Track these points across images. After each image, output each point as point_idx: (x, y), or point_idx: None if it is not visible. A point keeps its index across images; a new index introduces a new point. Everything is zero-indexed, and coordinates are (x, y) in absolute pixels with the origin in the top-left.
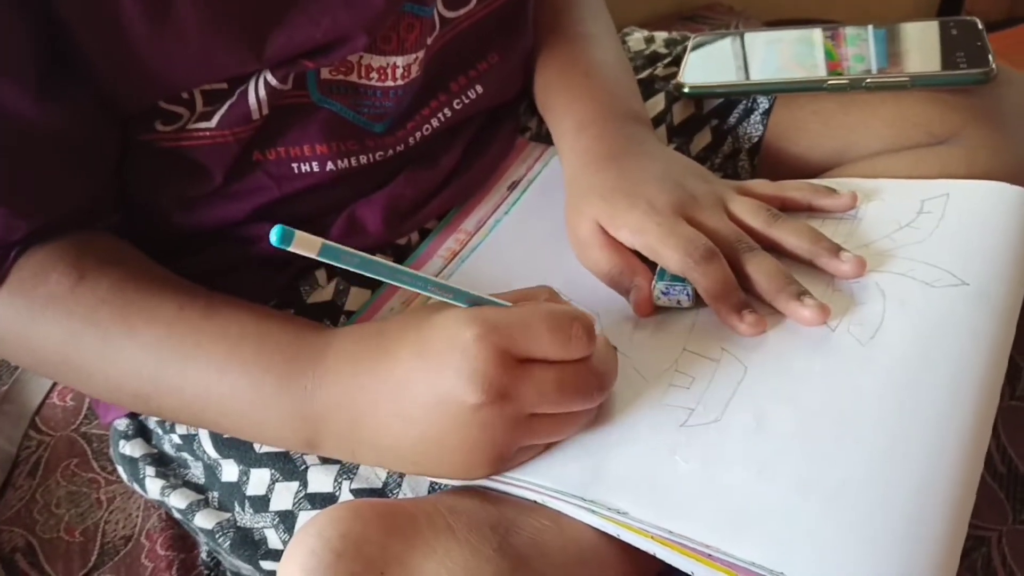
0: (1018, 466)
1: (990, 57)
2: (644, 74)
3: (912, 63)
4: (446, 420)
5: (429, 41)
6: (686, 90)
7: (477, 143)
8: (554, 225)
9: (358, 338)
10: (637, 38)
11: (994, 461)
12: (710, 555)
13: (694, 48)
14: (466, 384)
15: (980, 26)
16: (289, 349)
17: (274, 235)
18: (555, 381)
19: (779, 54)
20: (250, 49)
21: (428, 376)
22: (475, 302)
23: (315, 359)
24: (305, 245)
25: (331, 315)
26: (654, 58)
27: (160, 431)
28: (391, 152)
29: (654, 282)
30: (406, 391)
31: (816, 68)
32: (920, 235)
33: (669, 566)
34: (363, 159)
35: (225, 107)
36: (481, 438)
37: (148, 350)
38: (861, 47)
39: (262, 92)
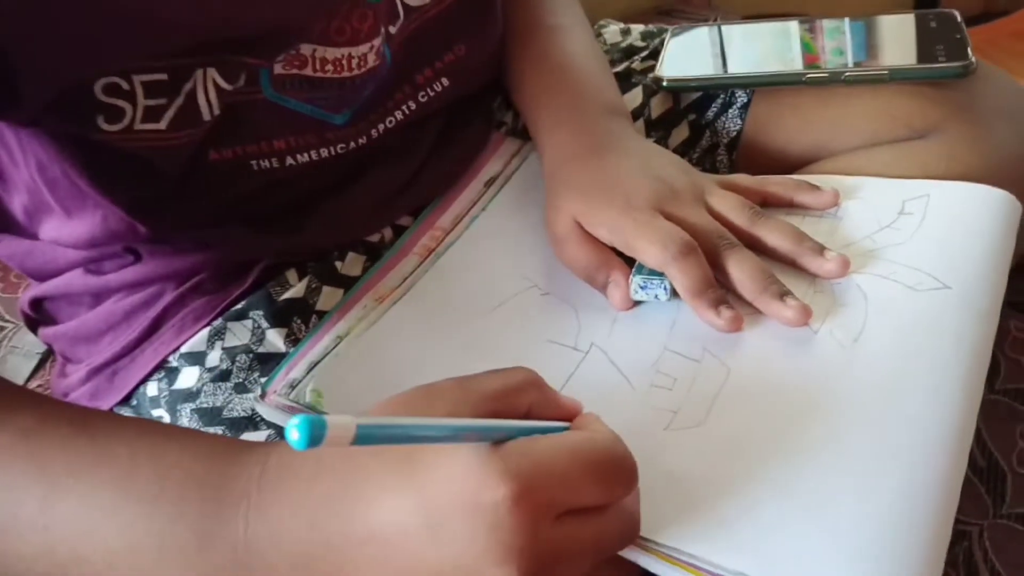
0: (999, 460)
1: (969, 50)
2: (621, 67)
3: (891, 56)
4: None
5: (393, 30)
6: (664, 84)
7: (446, 137)
8: (532, 221)
9: (314, 467)
10: (613, 30)
11: (975, 455)
12: (695, 564)
13: (672, 41)
14: (497, 567)
15: (959, 19)
16: (205, 477)
17: (297, 433)
18: (593, 538)
19: (757, 47)
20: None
21: (436, 546)
22: (502, 437)
23: (245, 495)
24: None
25: (302, 313)
26: (631, 51)
27: None
28: (352, 144)
29: (631, 276)
30: (399, 556)
31: (794, 61)
32: (901, 237)
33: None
34: (324, 152)
35: (173, 109)
36: None
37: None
38: (839, 40)
39: (212, 93)
